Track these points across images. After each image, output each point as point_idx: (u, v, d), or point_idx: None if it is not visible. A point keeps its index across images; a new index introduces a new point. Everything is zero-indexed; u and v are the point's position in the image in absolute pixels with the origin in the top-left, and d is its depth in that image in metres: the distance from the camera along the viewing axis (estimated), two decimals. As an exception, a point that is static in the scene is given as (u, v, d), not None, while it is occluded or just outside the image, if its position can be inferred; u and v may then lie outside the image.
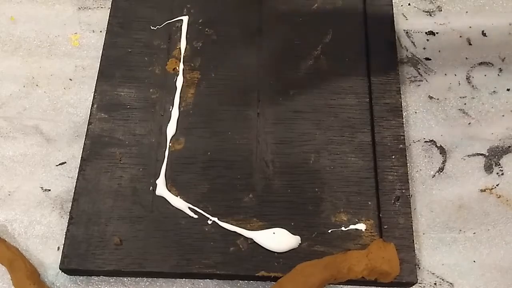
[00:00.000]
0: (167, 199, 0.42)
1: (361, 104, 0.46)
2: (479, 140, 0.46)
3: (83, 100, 0.48)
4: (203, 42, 0.49)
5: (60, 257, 0.40)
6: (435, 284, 0.41)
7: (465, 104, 0.47)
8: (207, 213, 0.42)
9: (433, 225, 0.43)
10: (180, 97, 0.46)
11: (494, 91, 0.48)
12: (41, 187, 0.44)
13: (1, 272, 0.41)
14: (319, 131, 0.45)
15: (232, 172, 0.43)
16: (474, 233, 0.42)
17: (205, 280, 0.40)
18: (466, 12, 0.52)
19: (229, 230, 0.41)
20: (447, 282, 0.41)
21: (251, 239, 0.40)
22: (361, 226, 0.41)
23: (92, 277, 0.41)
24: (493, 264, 0.41)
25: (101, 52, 0.48)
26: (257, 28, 0.50)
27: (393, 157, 0.43)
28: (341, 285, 0.40)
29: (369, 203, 0.42)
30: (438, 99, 0.48)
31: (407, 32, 0.51)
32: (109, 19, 0.50)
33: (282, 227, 0.41)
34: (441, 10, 0.53)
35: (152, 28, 0.50)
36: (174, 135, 0.45)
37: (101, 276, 0.41)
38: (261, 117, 0.46)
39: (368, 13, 0.50)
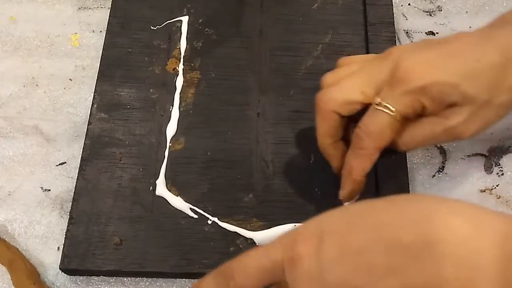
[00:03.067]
0: (167, 199, 0.42)
1: (361, 104, 0.46)
2: (479, 140, 0.46)
3: (83, 100, 0.48)
4: (203, 42, 0.49)
5: (60, 257, 0.40)
6: (435, 284, 0.41)
7: (465, 104, 0.47)
8: (207, 213, 0.42)
9: (433, 225, 0.43)
10: (180, 97, 0.46)
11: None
12: (41, 187, 0.44)
13: (1, 272, 0.41)
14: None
15: (232, 172, 0.43)
16: (474, 233, 0.42)
17: (205, 280, 0.40)
18: (466, 12, 0.52)
19: (229, 230, 0.41)
20: (447, 282, 0.41)
21: (251, 239, 0.41)
22: (361, 227, 0.41)
23: (92, 277, 0.41)
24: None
25: (101, 52, 0.48)
26: (257, 28, 0.50)
27: (393, 157, 0.43)
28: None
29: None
30: (438, 99, 0.48)
31: (407, 32, 0.51)
32: (109, 19, 0.50)
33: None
34: (441, 10, 0.53)
35: (152, 28, 0.50)
36: (174, 135, 0.45)
37: (101, 276, 0.41)
38: (261, 117, 0.46)
39: (368, 13, 0.50)
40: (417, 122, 0.36)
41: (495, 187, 0.44)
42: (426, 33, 0.51)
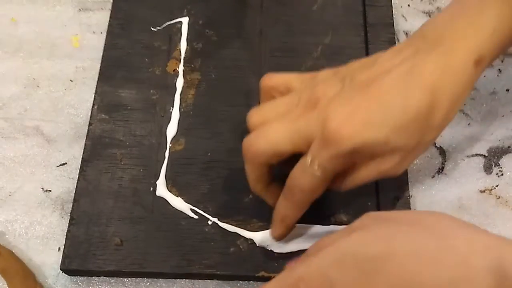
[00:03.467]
0: (168, 199, 0.42)
1: (361, 105, 0.46)
2: (478, 140, 0.46)
3: (84, 101, 0.48)
4: (204, 43, 0.49)
5: (61, 257, 0.40)
6: (434, 284, 0.41)
7: (464, 104, 0.47)
8: (207, 214, 0.42)
9: (433, 226, 0.43)
10: (180, 98, 0.47)
11: (493, 92, 0.48)
12: (42, 188, 0.44)
13: (-1, 274, 0.41)
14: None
15: (232, 172, 0.43)
16: (474, 233, 0.42)
17: (205, 280, 0.41)
18: (466, 13, 0.52)
19: (229, 231, 0.41)
20: (447, 282, 0.41)
21: (251, 239, 0.41)
22: (361, 227, 0.41)
23: (93, 277, 0.41)
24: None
25: (101, 53, 0.48)
26: (257, 28, 0.50)
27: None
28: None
29: (369, 203, 0.42)
30: (437, 99, 0.48)
31: (406, 33, 0.51)
32: (109, 21, 0.50)
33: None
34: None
35: (152, 29, 0.50)
36: (174, 136, 0.45)
37: (102, 277, 0.41)
38: (261, 118, 0.46)
39: (368, 14, 0.50)
40: (351, 170, 0.35)
41: (495, 188, 0.44)
42: (425, 34, 0.51)
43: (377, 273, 0.26)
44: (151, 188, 0.43)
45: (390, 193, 0.42)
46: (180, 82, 0.47)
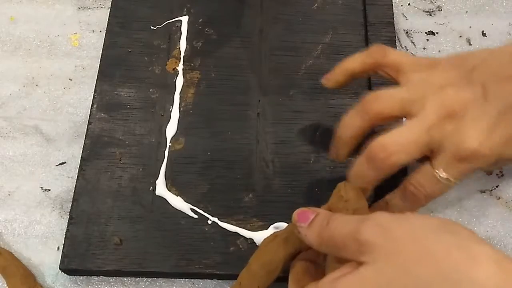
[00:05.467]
0: (167, 199, 0.42)
1: (361, 104, 0.46)
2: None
3: (83, 100, 0.48)
4: (203, 42, 0.49)
5: (60, 257, 0.40)
6: (435, 284, 0.41)
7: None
8: (207, 213, 0.42)
9: (433, 225, 0.43)
10: (180, 97, 0.46)
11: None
12: (41, 187, 0.44)
13: (-2, 274, 0.41)
14: (319, 131, 0.45)
15: (232, 172, 0.43)
16: (474, 233, 0.42)
17: (205, 280, 0.40)
18: (466, 12, 0.52)
19: (229, 230, 0.41)
20: (447, 282, 0.41)
21: (251, 239, 0.41)
22: (361, 227, 0.41)
23: (92, 277, 0.41)
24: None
25: (101, 52, 0.48)
26: (257, 27, 0.50)
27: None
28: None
29: (370, 202, 0.42)
30: (438, 99, 0.48)
31: (407, 32, 0.51)
32: (109, 19, 0.50)
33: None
34: (441, 10, 0.53)
35: (152, 28, 0.50)
36: (174, 135, 0.45)
37: (101, 276, 0.41)
38: (261, 117, 0.46)
39: (368, 13, 0.50)
40: None
41: (495, 188, 0.44)
42: (426, 33, 0.51)
43: None
44: (151, 187, 0.43)
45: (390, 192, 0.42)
46: (179, 81, 0.47)
